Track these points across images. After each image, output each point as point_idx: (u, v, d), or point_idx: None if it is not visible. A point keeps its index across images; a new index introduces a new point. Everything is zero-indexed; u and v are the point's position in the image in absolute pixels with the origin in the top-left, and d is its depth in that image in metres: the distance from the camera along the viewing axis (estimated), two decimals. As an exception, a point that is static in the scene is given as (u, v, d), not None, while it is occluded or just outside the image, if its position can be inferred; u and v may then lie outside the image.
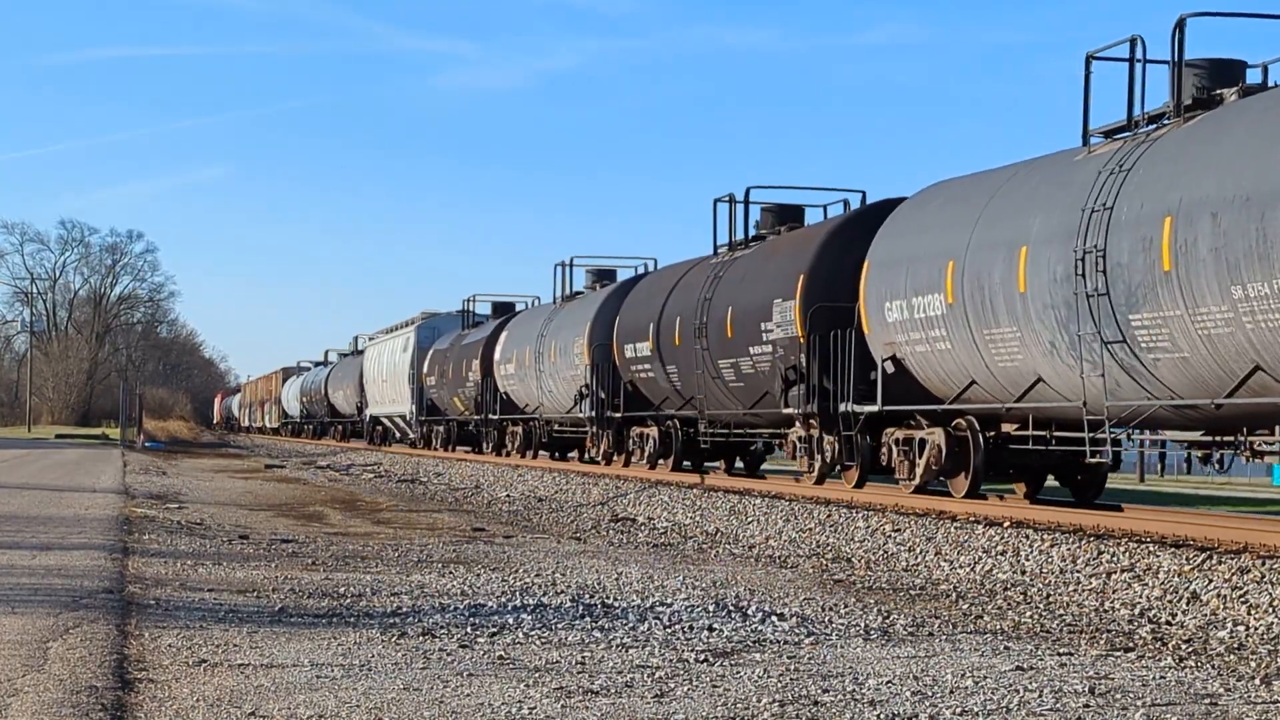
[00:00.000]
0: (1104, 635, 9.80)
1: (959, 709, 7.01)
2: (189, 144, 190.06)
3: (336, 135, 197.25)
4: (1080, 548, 13.22)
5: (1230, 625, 10.11)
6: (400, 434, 55.00)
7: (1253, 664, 8.61)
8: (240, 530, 17.44)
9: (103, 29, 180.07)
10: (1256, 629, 9.94)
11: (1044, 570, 12.94)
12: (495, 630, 9.34)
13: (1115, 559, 12.61)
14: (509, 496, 26.31)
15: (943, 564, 14.01)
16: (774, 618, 10.08)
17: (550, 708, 6.92)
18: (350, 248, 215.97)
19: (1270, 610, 10.31)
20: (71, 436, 74.21)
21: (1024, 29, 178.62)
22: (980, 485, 17.77)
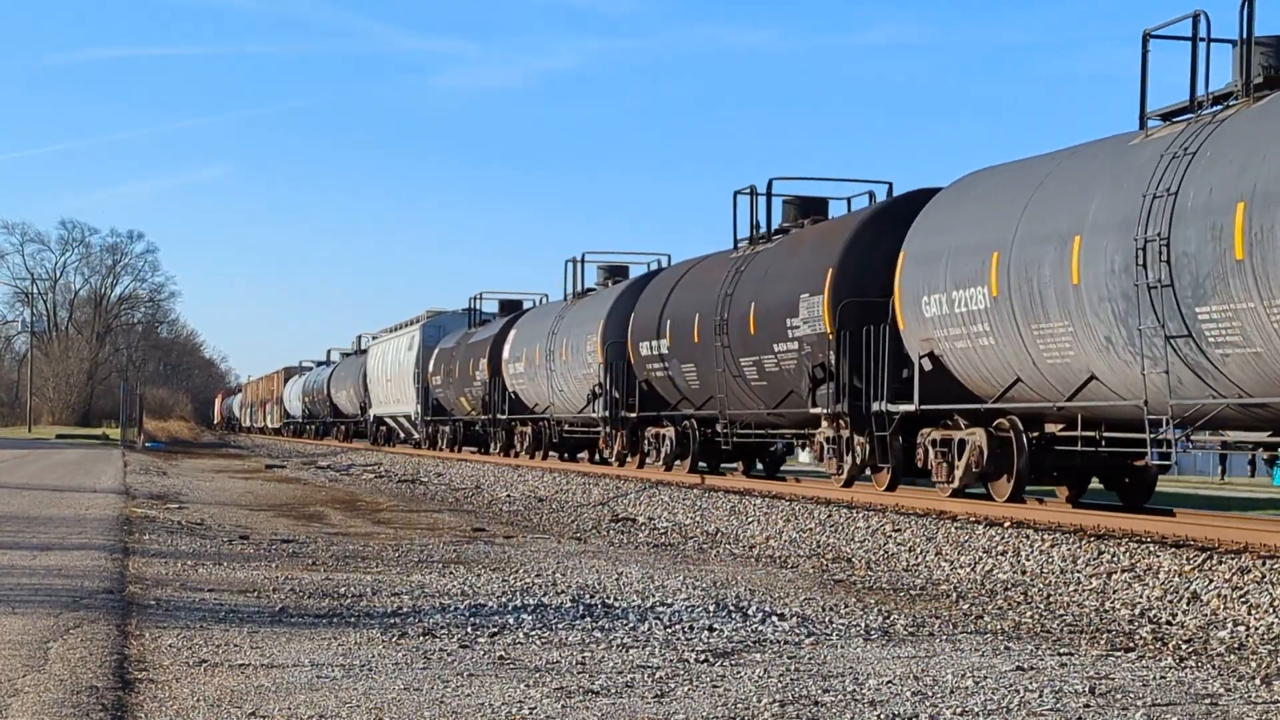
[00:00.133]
0: (1104, 635, 9.80)
1: (959, 709, 7.01)
2: (189, 144, 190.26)
3: (336, 135, 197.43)
4: (1080, 548, 13.22)
5: (1231, 625, 10.11)
6: (405, 434, 54.34)
7: (1253, 664, 8.61)
8: (241, 530, 17.44)
9: (103, 29, 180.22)
10: (1257, 629, 9.94)
11: (1044, 570, 12.94)
12: (495, 630, 9.34)
13: (1116, 559, 12.61)
14: (509, 496, 26.31)
15: (943, 564, 14.01)
16: (774, 618, 10.08)
17: (550, 708, 6.92)
18: (351, 248, 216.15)
19: (1271, 610, 10.31)
20: (72, 437, 74.21)
21: (1024, 29, 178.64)
22: (1024, 488, 17.06)
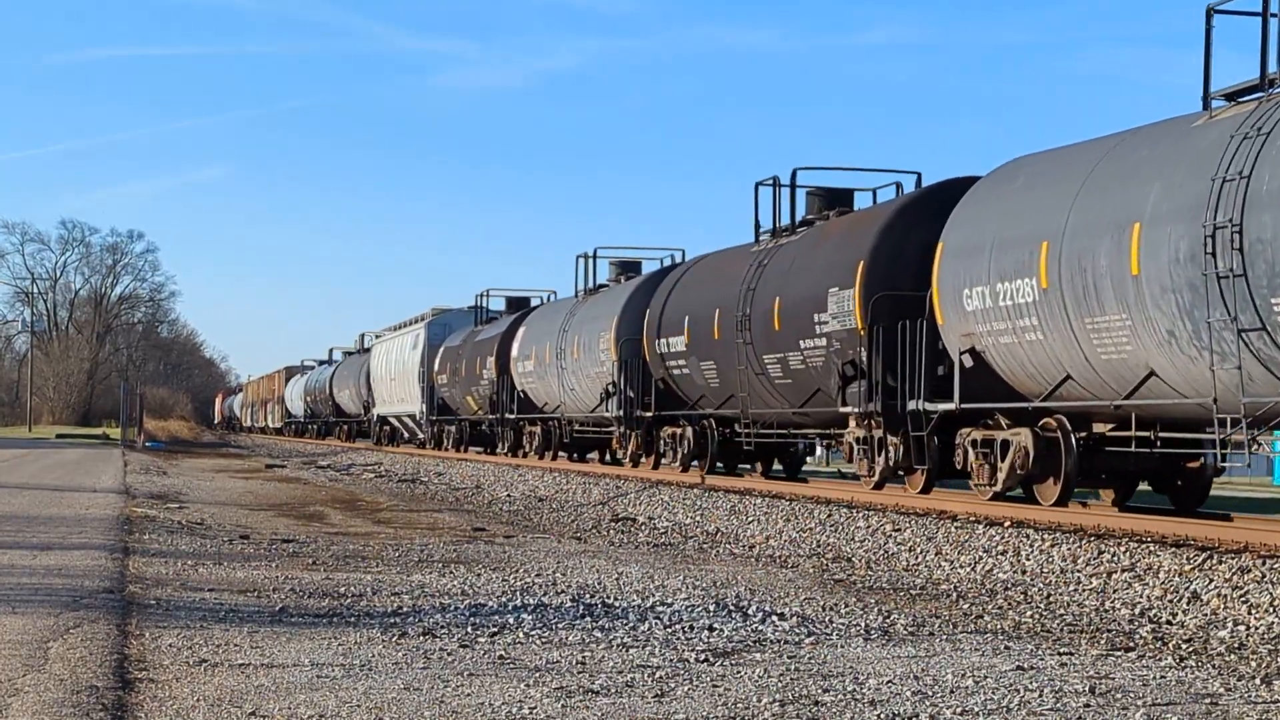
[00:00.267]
0: (1104, 635, 9.80)
1: (959, 709, 7.01)
2: (189, 144, 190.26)
3: (337, 135, 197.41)
4: (1081, 547, 13.22)
5: (1231, 625, 10.11)
6: (409, 434, 53.72)
7: (1253, 663, 8.61)
8: (241, 530, 17.44)
9: (103, 29, 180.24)
10: (1257, 628, 9.94)
11: (1044, 570, 12.94)
12: (496, 630, 9.34)
13: (1116, 559, 12.61)
14: (509, 496, 26.31)
15: (943, 564, 14.01)
16: (774, 617, 10.07)
17: (550, 707, 6.92)
18: (351, 247, 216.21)
19: (1271, 610, 10.31)
20: (72, 436, 74.23)
21: (1024, 29, 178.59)
22: (1072, 491, 16.21)
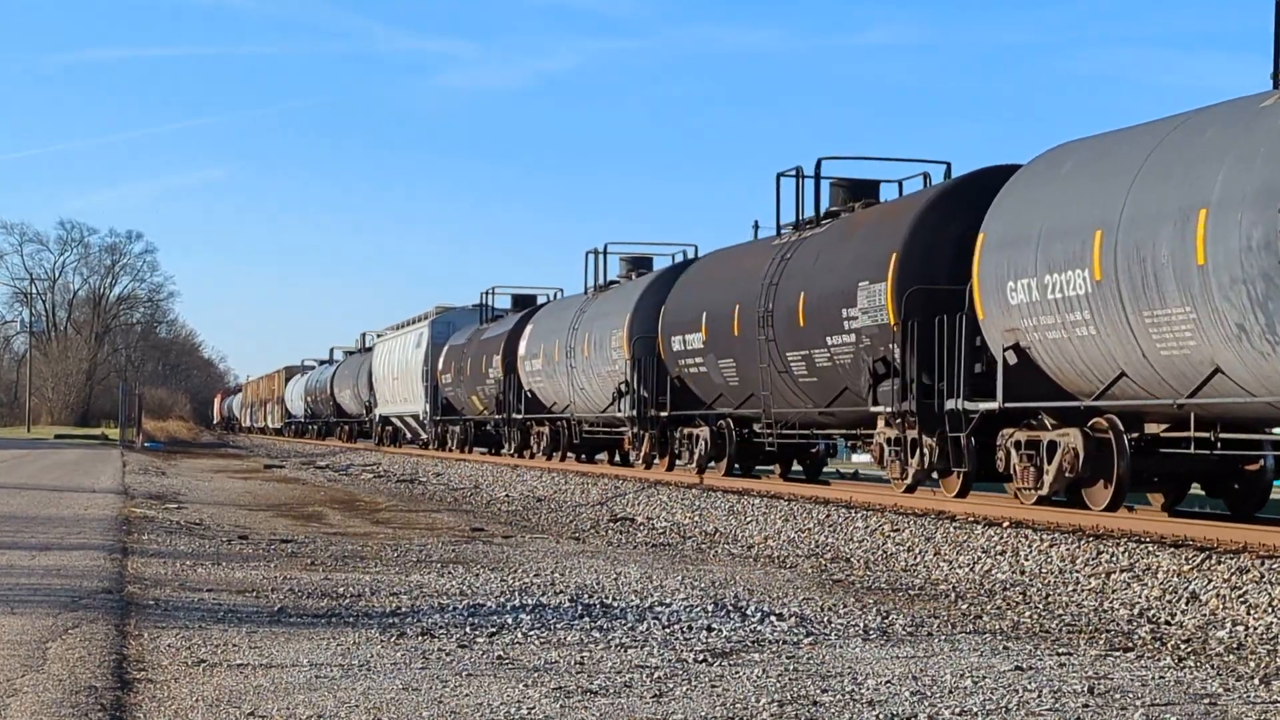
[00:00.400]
0: (1103, 635, 9.80)
1: (958, 709, 7.01)
2: (189, 144, 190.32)
3: (337, 135, 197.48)
4: (1079, 548, 13.22)
5: (1229, 625, 10.11)
6: (412, 434, 53.05)
7: (1252, 664, 8.61)
8: (239, 530, 17.44)
9: (103, 29, 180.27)
10: (1256, 629, 9.94)
11: (1043, 570, 12.93)
12: (494, 630, 9.34)
13: (1114, 559, 12.61)
14: (508, 496, 26.30)
15: (942, 564, 14.01)
16: (773, 618, 10.07)
17: (549, 707, 6.91)
18: (351, 248, 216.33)
19: (1269, 610, 10.31)
20: (71, 437, 74.22)
21: (1024, 29, 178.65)
22: (1125, 495, 15.36)
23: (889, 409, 18.32)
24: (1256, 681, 7.93)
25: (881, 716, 6.84)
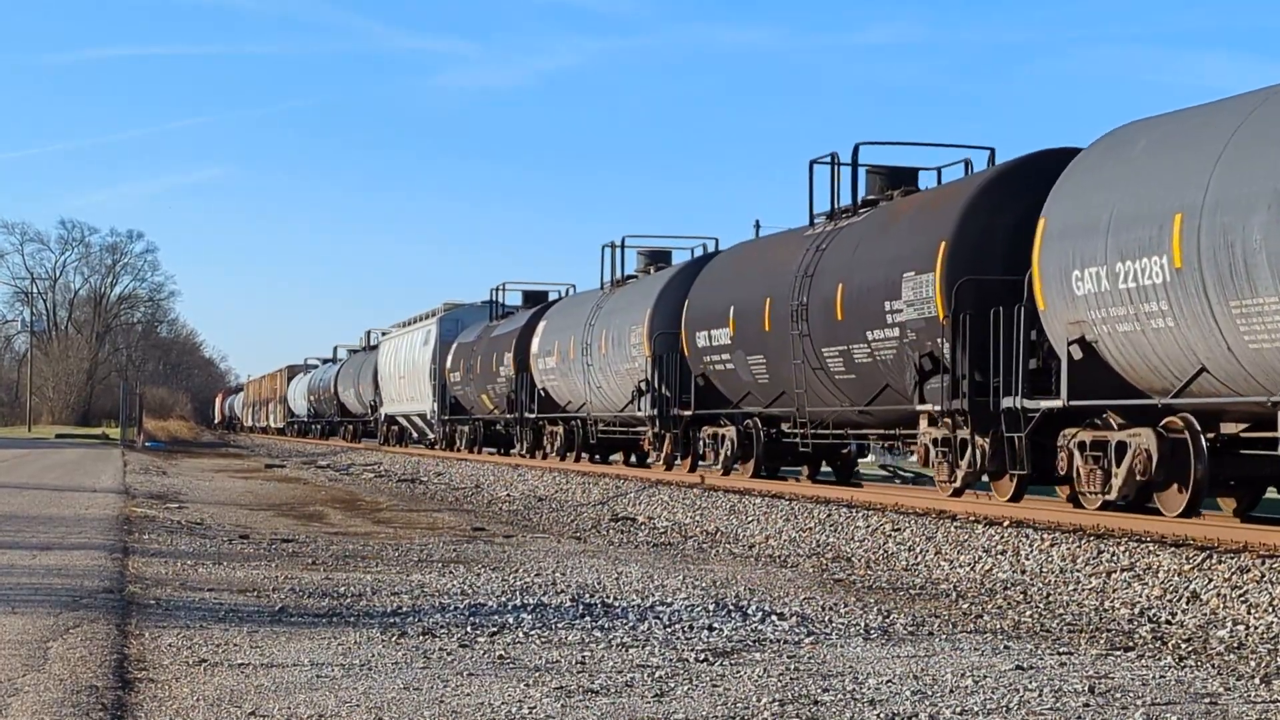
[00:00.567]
0: (1104, 634, 9.80)
1: (959, 708, 7.01)
2: (189, 144, 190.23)
3: (337, 135, 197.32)
4: (1080, 547, 13.22)
5: (1230, 624, 10.11)
6: (418, 434, 52.25)
7: (1253, 663, 8.61)
8: (240, 530, 17.44)
9: (103, 29, 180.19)
10: (1256, 628, 9.94)
11: (1044, 570, 12.94)
12: (495, 630, 9.35)
13: (1115, 558, 12.61)
14: (509, 496, 26.31)
15: (943, 563, 14.01)
16: (774, 617, 10.08)
17: (550, 707, 6.92)
18: (352, 247, 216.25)
19: (1270, 609, 10.31)
20: (71, 436, 74.25)
21: (1024, 29, 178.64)
22: (1202, 500, 14.37)
23: (937, 407, 17.39)
24: (1257, 681, 7.94)
25: (882, 716, 6.84)
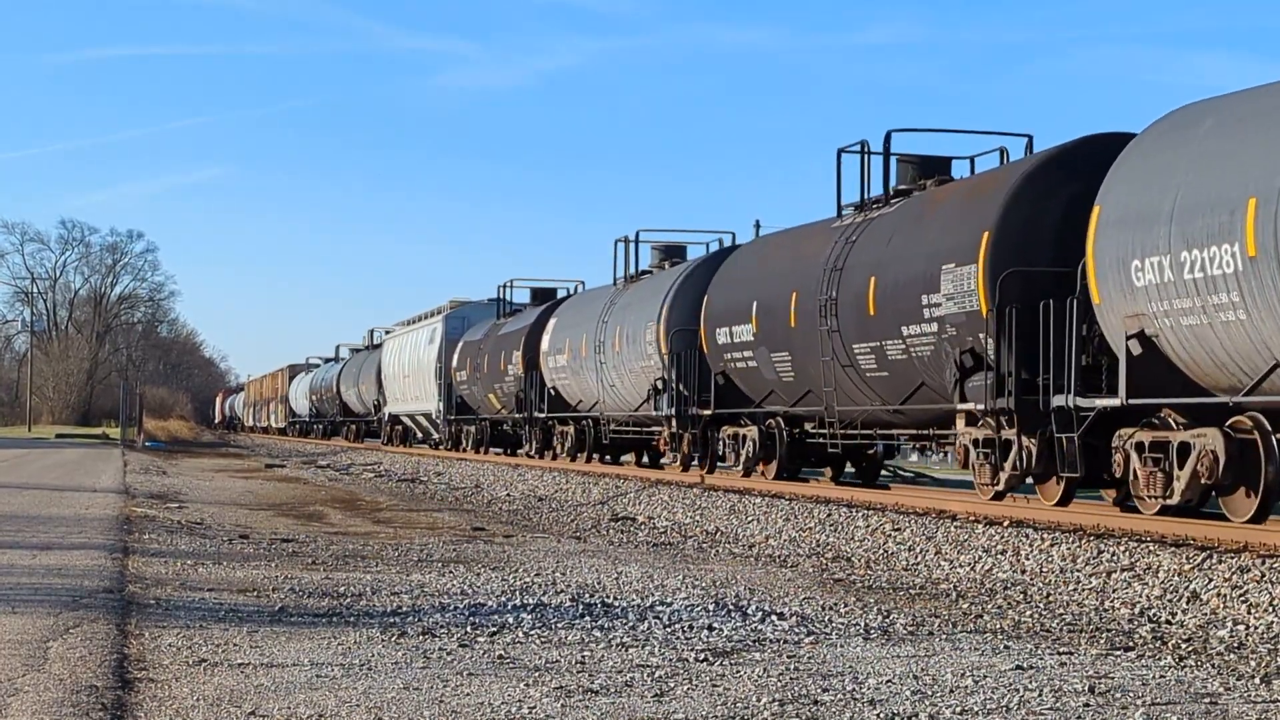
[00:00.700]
0: (1104, 634, 9.80)
1: (959, 708, 7.01)
2: (189, 144, 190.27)
3: (337, 135, 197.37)
4: (1080, 547, 13.22)
5: (1230, 624, 10.11)
6: (423, 434, 51.38)
7: (1253, 663, 8.61)
8: (240, 530, 17.44)
9: (103, 29, 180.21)
10: (1256, 628, 9.94)
11: (1044, 569, 12.94)
12: (495, 629, 9.35)
13: (1115, 558, 12.61)
14: (509, 496, 26.31)
15: (943, 563, 14.01)
16: (774, 617, 10.08)
17: (550, 707, 6.92)
18: (352, 247, 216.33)
19: (1270, 609, 10.31)
20: (72, 436, 74.24)
21: (1024, 29, 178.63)
22: (1272, 504, 13.56)
23: (980, 406, 16.49)
24: (1257, 680, 7.94)
25: (882, 716, 6.84)
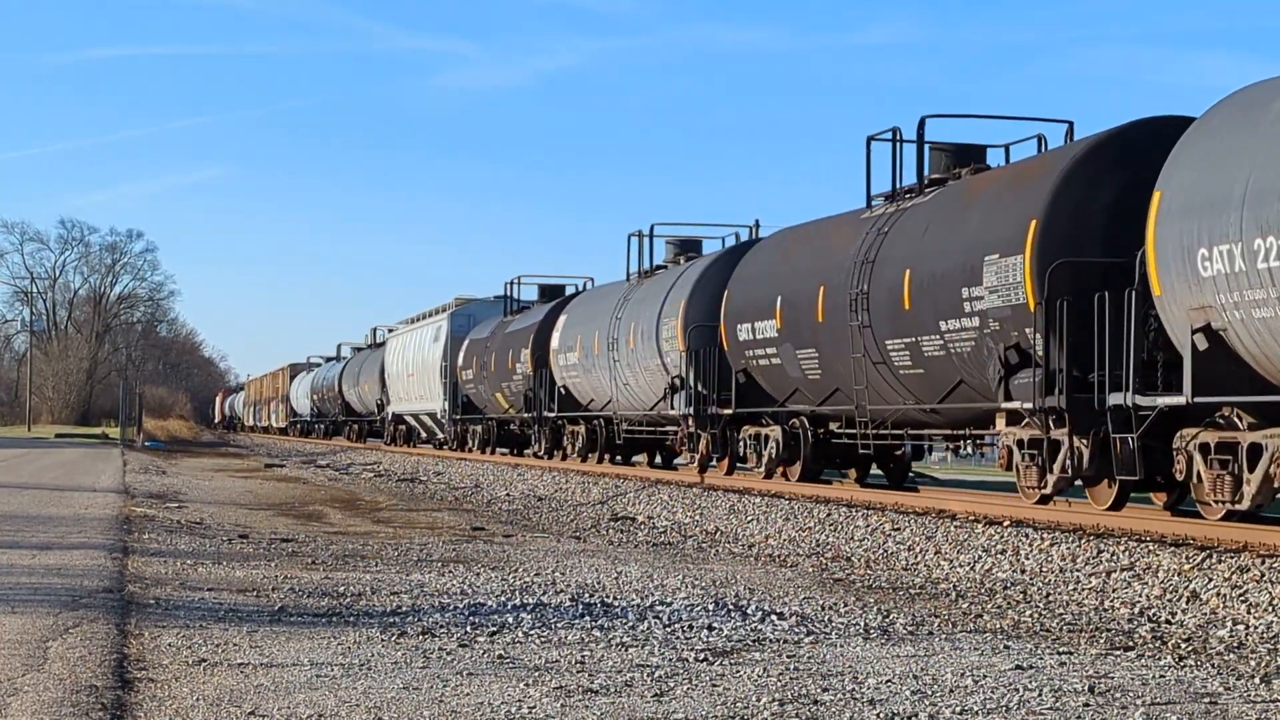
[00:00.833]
0: (1104, 634, 9.80)
1: (959, 708, 7.01)
2: (189, 144, 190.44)
3: (337, 135, 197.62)
4: (1080, 547, 13.22)
5: (1230, 624, 10.11)
6: (427, 434, 50.67)
7: (1253, 663, 8.61)
8: (240, 529, 17.44)
9: (103, 29, 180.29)
10: (1256, 628, 9.94)
11: (1044, 569, 12.94)
12: (495, 629, 9.34)
13: (1115, 558, 12.61)
14: (508, 495, 26.30)
15: (942, 563, 14.01)
16: (773, 617, 10.08)
17: (550, 707, 6.92)
18: (352, 247, 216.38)
19: (1270, 609, 10.31)
20: (71, 436, 74.21)
21: (1024, 29, 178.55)
22: None
23: (1027, 405, 15.61)
24: (1257, 680, 7.93)
25: (882, 715, 6.84)
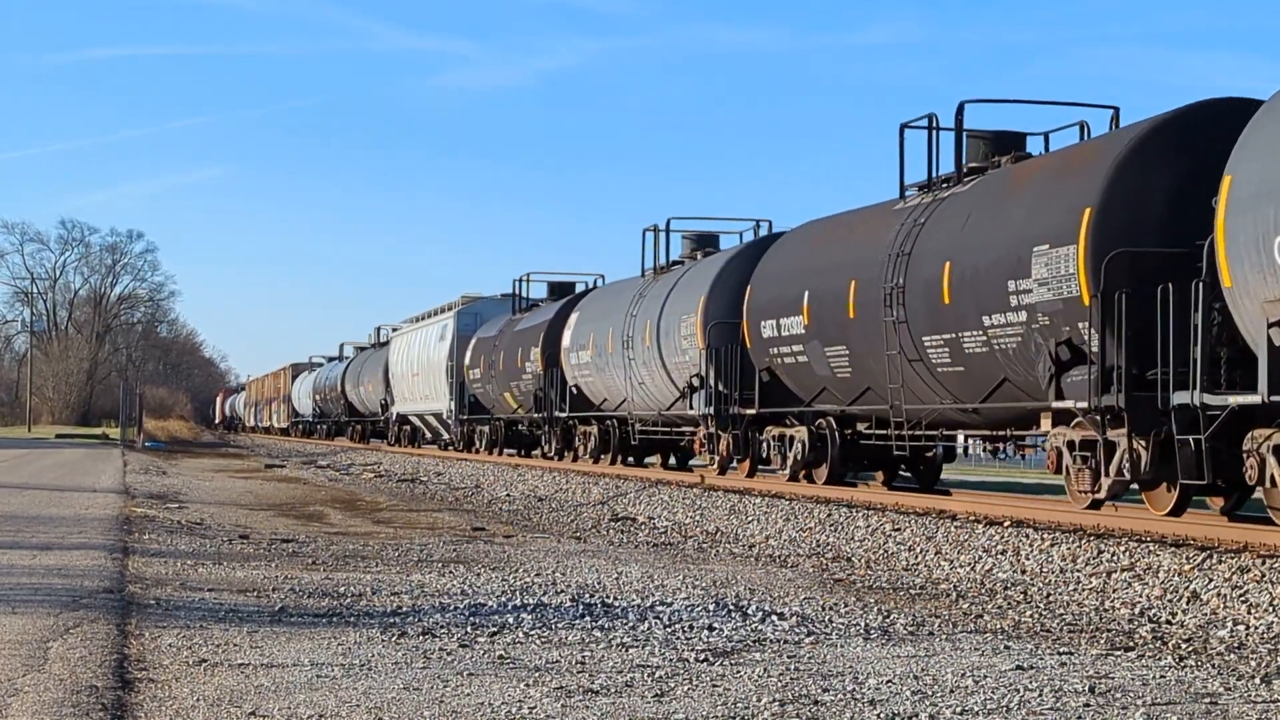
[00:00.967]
0: (1104, 634, 9.80)
1: (959, 708, 7.01)
2: (189, 144, 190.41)
3: (337, 135, 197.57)
4: (1080, 547, 13.22)
5: (1230, 624, 10.12)
6: (433, 435, 49.79)
7: (1253, 663, 8.61)
8: (240, 530, 17.44)
9: (103, 29, 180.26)
10: (1257, 628, 9.94)
11: (1044, 569, 12.94)
12: (495, 630, 9.34)
13: (1115, 558, 12.61)
14: (509, 496, 26.30)
15: (943, 563, 14.01)
16: (774, 617, 10.08)
17: (550, 707, 6.92)
18: (352, 247, 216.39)
19: (1270, 609, 10.31)
20: (71, 436, 74.24)
21: (1024, 29, 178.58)
22: None
23: (1081, 404, 14.73)
24: (1257, 681, 7.93)
25: (883, 716, 6.84)
